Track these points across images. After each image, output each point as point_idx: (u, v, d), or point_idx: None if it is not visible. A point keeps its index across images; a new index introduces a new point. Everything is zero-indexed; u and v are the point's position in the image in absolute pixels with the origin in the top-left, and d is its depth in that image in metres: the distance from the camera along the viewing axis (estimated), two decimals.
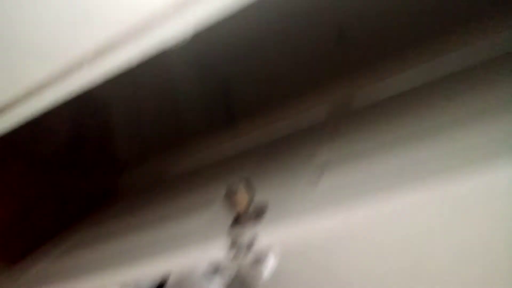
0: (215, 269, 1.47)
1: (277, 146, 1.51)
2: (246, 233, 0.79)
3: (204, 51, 2.06)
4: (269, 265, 0.76)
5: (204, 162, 1.83)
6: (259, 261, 0.77)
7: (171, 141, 2.04)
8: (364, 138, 1.01)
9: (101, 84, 0.72)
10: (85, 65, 0.69)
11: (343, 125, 1.22)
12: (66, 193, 1.71)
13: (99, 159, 1.96)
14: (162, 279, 1.43)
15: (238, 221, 0.83)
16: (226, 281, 1.61)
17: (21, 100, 0.79)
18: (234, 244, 0.79)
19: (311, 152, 1.21)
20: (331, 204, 0.76)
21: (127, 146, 2.15)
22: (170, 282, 1.47)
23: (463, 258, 0.73)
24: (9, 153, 1.52)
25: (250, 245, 0.77)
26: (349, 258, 1.36)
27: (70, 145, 1.80)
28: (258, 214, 0.83)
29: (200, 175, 1.58)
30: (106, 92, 1.95)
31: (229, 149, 1.78)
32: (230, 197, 0.81)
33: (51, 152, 1.70)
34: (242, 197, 0.81)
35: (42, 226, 1.55)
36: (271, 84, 1.99)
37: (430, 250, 0.77)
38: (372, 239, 0.78)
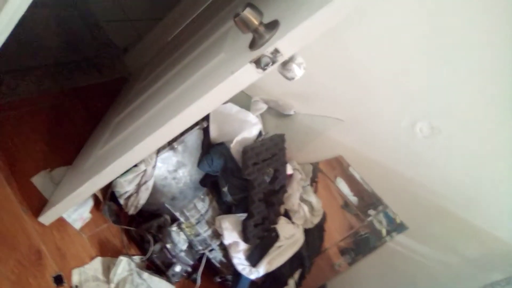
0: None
1: None
2: (267, 48, 0.80)
3: None
4: (299, 63, 0.79)
5: (197, 13, 1.77)
6: (288, 64, 0.80)
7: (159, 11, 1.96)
8: None
9: None
10: None
11: None
12: (89, 90, 1.77)
13: (100, 50, 1.95)
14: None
15: (255, 40, 0.84)
16: (260, 112, 1.71)
17: None
18: (258, 62, 0.81)
19: None
20: None
21: (120, 30, 2.10)
22: (211, 118, 1.58)
23: None
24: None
25: (274, 57, 0.80)
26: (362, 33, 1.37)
27: (71, 49, 1.78)
28: (271, 28, 0.83)
29: (199, 26, 1.55)
30: None
31: None
32: (240, 20, 0.81)
33: (61, 62, 1.71)
34: (251, 16, 0.80)
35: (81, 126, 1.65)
36: None
37: None
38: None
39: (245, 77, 0.85)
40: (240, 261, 1.60)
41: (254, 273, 1.61)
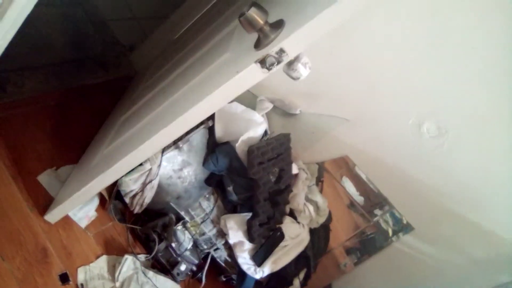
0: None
1: None
2: (272, 48, 0.79)
3: None
4: (305, 63, 0.78)
5: (203, 12, 1.77)
6: (293, 64, 0.79)
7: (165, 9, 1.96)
8: None
9: None
10: None
11: None
12: (95, 88, 1.77)
13: (106, 49, 1.95)
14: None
15: (260, 40, 0.83)
16: (265, 111, 1.70)
17: None
18: (264, 62, 0.81)
19: None
20: None
21: (126, 28, 2.10)
22: (217, 117, 1.58)
23: None
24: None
25: (279, 57, 0.79)
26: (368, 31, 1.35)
27: (77, 48, 1.79)
28: (277, 27, 0.82)
29: (205, 25, 1.54)
30: None
31: None
32: (245, 19, 0.80)
33: (67, 60, 1.71)
34: (256, 15, 0.80)
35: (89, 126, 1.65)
36: None
37: None
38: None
39: (250, 77, 0.84)
40: (245, 260, 1.60)
41: (259, 273, 1.61)
